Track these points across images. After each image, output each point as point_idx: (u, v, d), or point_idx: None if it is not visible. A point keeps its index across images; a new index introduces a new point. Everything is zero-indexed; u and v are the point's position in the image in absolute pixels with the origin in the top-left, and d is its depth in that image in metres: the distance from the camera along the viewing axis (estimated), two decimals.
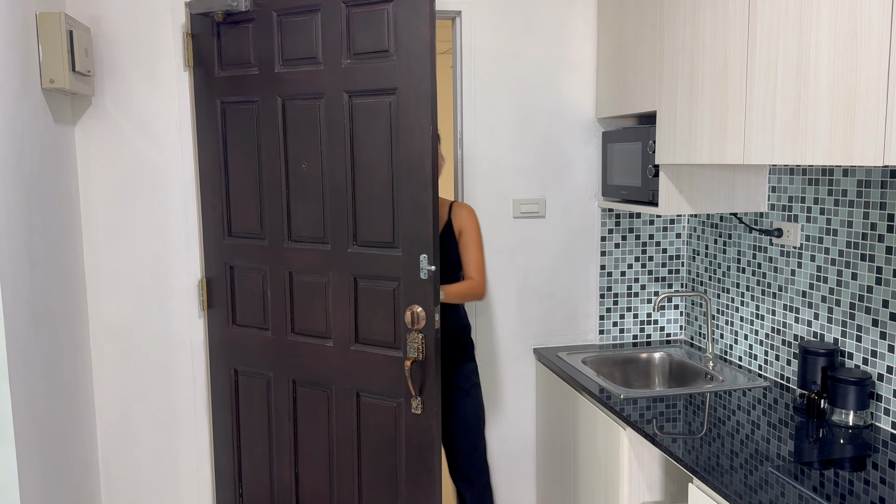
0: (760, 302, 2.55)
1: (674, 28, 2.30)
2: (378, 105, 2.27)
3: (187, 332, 2.67)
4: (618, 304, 2.99)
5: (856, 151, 1.57)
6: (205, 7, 2.44)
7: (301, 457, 2.57)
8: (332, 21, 2.30)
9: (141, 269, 2.62)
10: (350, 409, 2.44)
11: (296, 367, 2.53)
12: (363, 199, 2.33)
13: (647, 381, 2.85)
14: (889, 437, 1.99)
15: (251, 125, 2.50)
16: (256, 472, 2.68)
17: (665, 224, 2.98)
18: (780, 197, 2.43)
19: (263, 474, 2.66)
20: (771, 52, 1.84)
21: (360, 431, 2.43)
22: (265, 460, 2.65)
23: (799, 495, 1.65)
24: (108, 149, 2.55)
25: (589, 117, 2.88)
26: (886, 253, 2.01)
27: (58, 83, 2.18)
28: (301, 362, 2.52)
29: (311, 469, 2.55)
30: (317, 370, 2.49)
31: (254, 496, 2.70)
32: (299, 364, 2.52)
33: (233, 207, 2.60)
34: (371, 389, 2.38)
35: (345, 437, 2.46)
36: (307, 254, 2.45)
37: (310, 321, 2.48)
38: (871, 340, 2.08)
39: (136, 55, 2.53)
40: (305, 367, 2.51)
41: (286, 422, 2.58)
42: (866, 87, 1.54)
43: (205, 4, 2.44)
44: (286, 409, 2.57)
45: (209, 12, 2.46)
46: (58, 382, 2.27)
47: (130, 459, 2.68)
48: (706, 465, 1.83)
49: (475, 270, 2.49)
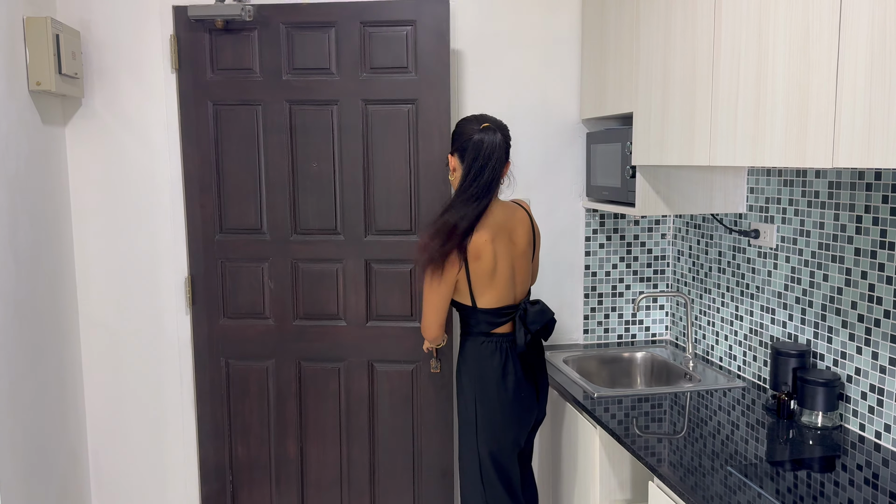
0: (739, 303, 2.55)
1: (649, 30, 2.31)
2: (397, 112, 2.66)
3: (174, 327, 2.73)
4: (602, 304, 3.01)
5: (808, 153, 1.58)
6: (206, 13, 2.52)
7: (307, 431, 2.79)
8: (349, 38, 2.62)
9: (130, 267, 2.68)
10: (363, 379, 2.76)
11: (302, 350, 2.76)
12: (380, 193, 2.70)
13: (629, 381, 2.86)
14: (857, 438, 1.99)
15: (251, 127, 2.66)
16: (252, 457, 2.79)
17: (650, 224, 2.99)
18: (758, 198, 2.43)
19: (262, 456, 2.79)
20: (734, 55, 1.85)
21: (372, 397, 2.77)
22: (263, 442, 2.79)
23: (758, 494, 1.66)
24: (97, 149, 2.62)
25: (574, 118, 2.90)
26: (855, 255, 2.01)
27: (44, 85, 2.25)
28: (308, 345, 2.76)
29: (318, 440, 2.80)
30: (326, 349, 2.76)
31: (248, 481, 2.81)
32: (306, 346, 2.76)
33: (226, 205, 2.69)
34: (386, 358, 2.75)
35: (357, 403, 2.77)
36: (316, 245, 2.72)
37: (319, 305, 2.75)
38: (841, 342, 2.08)
39: (125, 58, 2.60)
40: (313, 348, 2.76)
41: (291, 400, 2.77)
42: (818, 89, 1.55)
43: (205, 10, 2.52)
44: (291, 389, 2.77)
45: (208, 18, 2.54)
46: (44, 376, 2.33)
47: (119, 452, 2.75)
48: (668, 464, 1.85)
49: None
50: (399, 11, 2.61)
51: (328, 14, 2.61)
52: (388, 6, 2.62)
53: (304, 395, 2.78)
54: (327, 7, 2.61)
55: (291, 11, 2.61)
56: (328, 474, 2.81)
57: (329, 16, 2.61)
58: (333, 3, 2.61)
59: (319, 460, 2.80)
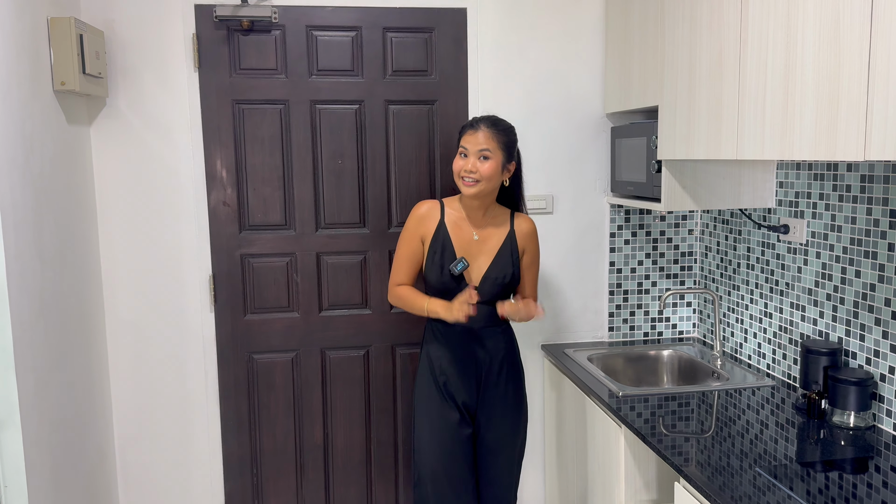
0: (769, 300, 2.50)
1: (674, 23, 2.27)
2: (418, 112, 2.79)
3: (199, 325, 2.74)
4: (628, 302, 2.96)
5: (839, 146, 1.53)
6: (233, 13, 2.58)
7: (334, 417, 2.87)
8: (373, 42, 2.73)
9: (154, 265, 2.70)
10: (388, 362, 2.88)
11: (329, 339, 2.84)
12: (402, 187, 2.80)
13: (655, 379, 2.82)
14: (891, 439, 1.93)
15: (275, 125, 2.72)
16: (278, 448, 2.85)
17: (676, 220, 2.94)
18: (787, 192, 2.37)
19: (289, 445, 2.85)
20: (762, 47, 1.81)
21: (395, 378, 2.89)
22: (289, 432, 2.85)
23: (787, 496, 1.62)
24: (122, 148, 2.64)
25: (598, 112, 2.86)
26: (889, 250, 1.96)
27: (69, 85, 2.26)
28: (334, 334, 2.84)
29: (345, 424, 2.88)
30: (352, 336, 2.85)
31: (274, 474, 2.86)
32: (333, 336, 2.84)
33: (251, 202, 2.72)
34: (410, 342, 2.86)
35: (381, 385, 2.89)
36: (342, 238, 2.80)
37: (344, 295, 2.83)
38: (874, 340, 2.03)
39: (149, 57, 2.61)
40: (339, 337, 2.84)
41: (317, 389, 2.85)
42: (848, 81, 1.50)
43: (233, 11, 2.58)
44: (317, 378, 2.85)
45: (235, 18, 2.59)
46: (70, 374, 2.36)
47: (146, 449, 2.77)
48: (695, 463, 1.81)
49: (534, 292, 2.42)
50: (419, 19, 2.74)
51: (351, 19, 2.71)
52: (410, 13, 2.74)
53: (331, 381, 2.85)
54: (350, 12, 2.70)
55: (315, 15, 2.69)
56: (355, 456, 2.89)
57: (352, 21, 2.71)
58: (356, 7, 2.70)
59: (347, 444, 2.89)
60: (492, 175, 2.21)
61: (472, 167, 2.19)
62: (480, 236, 2.30)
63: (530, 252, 2.37)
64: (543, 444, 2.99)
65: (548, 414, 2.93)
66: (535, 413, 2.95)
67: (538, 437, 2.98)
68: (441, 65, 2.77)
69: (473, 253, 2.29)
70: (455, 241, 2.28)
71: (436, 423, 2.30)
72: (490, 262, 2.28)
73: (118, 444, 2.76)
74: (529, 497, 3.01)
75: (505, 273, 2.28)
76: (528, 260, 2.36)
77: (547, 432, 2.95)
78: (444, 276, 2.25)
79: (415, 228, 2.32)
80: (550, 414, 2.89)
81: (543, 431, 2.98)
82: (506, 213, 2.36)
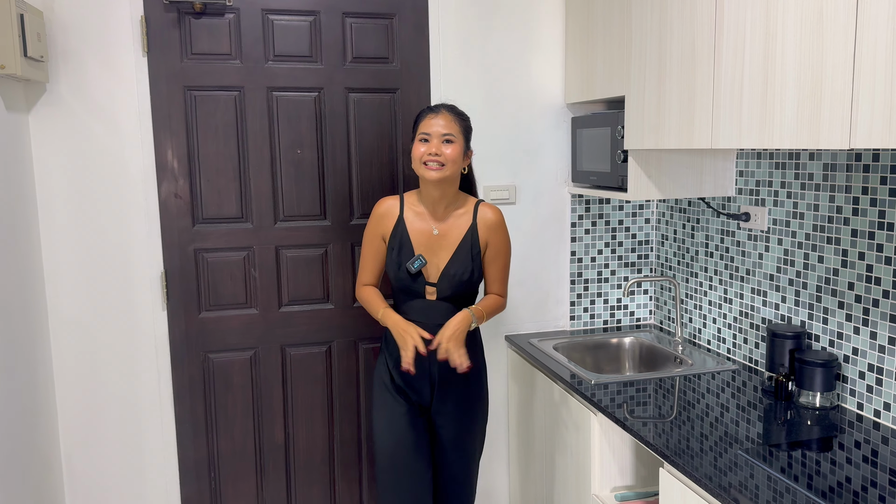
0: (728, 286, 2.56)
1: (642, 10, 2.28)
2: (380, 101, 2.72)
3: (150, 324, 2.61)
4: (588, 290, 2.99)
5: (822, 135, 1.57)
6: None
7: (295, 415, 2.78)
8: (332, 28, 2.64)
9: (102, 261, 2.55)
10: (351, 358, 2.81)
11: (289, 336, 2.75)
12: (364, 178, 2.73)
13: (617, 366, 2.86)
14: (855, 417, 2.01)
15: (230, 113, 2.61)
16: (236, 450, 2.74)
17: (634, 209, 2.99)
18: (748, 181, 2.43)
19: (248, 446, 2.75)
20: (738, 36, 1.83)
21: (358, 374, 2.82)
22: (248, 433, 2.75)
23: (767, 476, 1.66)
24: (64, 138, 2.47)
25: (558, 102, 2.86)
26: (852, 236, 2.03)
27: (9, 69, 2.10)
28: (294, 330, 2.75)
29: (306, 422, 2.80)
30: (313, 332, 2.76)
31: (233, 476, 2.75)
32: (293, 332, 2.75)
33: (205, 194, 2.61)
34: (373, 336, 2.81)
35: (344, 381, 2.81)
36: (302, 231, 2.71)
37: (305, 290, 2.74)
38: (838, 322, 2.10)
39: (93, 40, 2.45)
40: (300, 333, 2.76)
41: (277, 387, 2.76)
42: (832, 70, 1.54)
43: None
44: (277, 376, 2.75)
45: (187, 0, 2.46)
46: (11, 378, 2.20)
47: (95, 454, 2.62)
48: (676, 448, 1.84)
49: (501, 287, 2.31)
50: (380, 4, 2.68)
51: (309, 3, 2.61)
52: None
53: (291, 379, 2.76)
54: None
55: None
56: (317, 455, 2.81)
57: (310, 5, 2.61)
58: None
59: (308, 444, 2.81)
60: (456, 158, 2.15)
61: (437, 150, 2.13)
62: (440, 230, 2.23)
63: (494, 244, 2.26)
64: (507, 435, 2.99)
65: (512, 405, 2.92)
66: (498, 405, 2.94)
67: (502, 429, 2.98)
68: (402, 52, 2.70)
69: (434, 248, 2.22)
70: (413, 238, 2.22)
71: (389, 415, 2.27)
72: (449, 258, 2.22)
73: (64, 451, 2.60)
74: (493, 490, 3.00)
75: (464, 269, 2.21)
76: (491, 253, 2.27)
77: (511, 424, 2.95)
78: (401, 273, 2.20)
79: (375, 227, 2.27)
80: (514, 405, 2.89)
81: (507, 423, 2.98)
82: (470, 203, 2.27)
